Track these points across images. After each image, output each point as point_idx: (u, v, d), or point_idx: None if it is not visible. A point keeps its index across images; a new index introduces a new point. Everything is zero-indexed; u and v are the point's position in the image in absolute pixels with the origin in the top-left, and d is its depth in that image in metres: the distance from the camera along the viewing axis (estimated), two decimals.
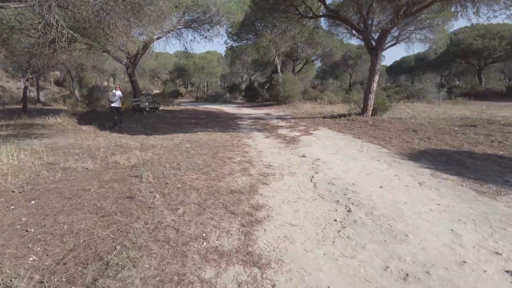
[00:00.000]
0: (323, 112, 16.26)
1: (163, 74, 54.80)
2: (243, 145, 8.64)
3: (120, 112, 14.23)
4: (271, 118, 15.10)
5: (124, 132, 11.89)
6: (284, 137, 9.66)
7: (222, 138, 9.88)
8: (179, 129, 12.48)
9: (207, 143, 9.08)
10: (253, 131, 11.26)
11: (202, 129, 12.24)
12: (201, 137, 10.27)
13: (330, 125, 11.70)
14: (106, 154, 8.05)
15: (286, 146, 8.38)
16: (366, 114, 12.75)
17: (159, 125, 13.72)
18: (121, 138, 10.85)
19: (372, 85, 12.50)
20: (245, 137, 9.89)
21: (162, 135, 11.30)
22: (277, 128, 11.75)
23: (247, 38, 25.23)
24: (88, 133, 11.92)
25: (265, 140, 9.40)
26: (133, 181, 5.51)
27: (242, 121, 14.38)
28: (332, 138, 9.32)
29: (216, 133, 10.91)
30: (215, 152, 7.75)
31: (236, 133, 10.85)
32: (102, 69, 32.34)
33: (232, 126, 12.91)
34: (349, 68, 42.68)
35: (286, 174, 5.70)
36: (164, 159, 7.13)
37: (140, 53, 17.24)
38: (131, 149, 8.59)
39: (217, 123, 13.92)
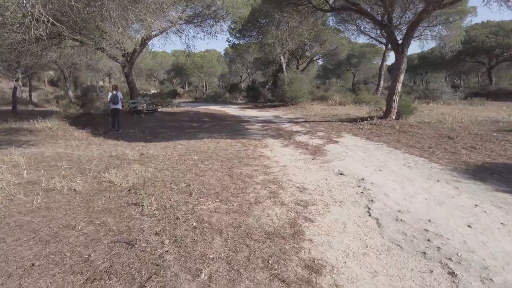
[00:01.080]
0: (337, 114, 15.00)
1: (160, 73, 53.38)
2: (260, 156, 7.34)
3: (121, 114, 12.99)
4: (282, 122, 13.81)
5: (121, 139, 10.59)
6: (305, 146, 8.37)
7: (233, 147, 8.59)
8: (181, 135, 11.18)
9: (217, 153, 7.78)
10: (266, 137, 9.97)
11: (207, 134, 10.94)
12: (208, 145, 8.97)
13: (353, 131, 10.43)
14: (99, 168, 6.77)
15: (312, 158, 7.08)
16: (389, 118, 11.50)
17: (159, 130, 12.41)
18: (117, 146, 9.56)
19: (397, 85, 11.23)
20: (259, 146, 8.60)
21: (163, 142, 10.01)
22: (293, 134, 10.46)
23: (250, 36, 23.93)
24: (80, 140, 10.61)
25: (284, 150, 8.10)
26: (132, 213, 4.21)
27: (250, 125, 13.08)
28: (364, 148, 8.03)
29: (224, 140, 9.61)
30: (230, 166, 6.45)
31: (248, 140, 9.56)
32: (97, 68, 30.88)
33: (241, 131, 11.61)
34: (352, 67, 41.46)
35: (331, 203, 4.40)
36: (169, 177, 5.83)
37: (138, 50, 15.89)
38: (128, 162, 7.29)
39: (223, 128, 12.63)
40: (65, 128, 13.04)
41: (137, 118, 15.11)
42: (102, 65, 29.21)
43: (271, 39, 19.51)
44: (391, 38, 11.33)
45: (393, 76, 11.48)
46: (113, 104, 13.04)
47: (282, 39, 19.32)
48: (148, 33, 13.10)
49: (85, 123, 14.26)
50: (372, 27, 24.50)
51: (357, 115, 13.98)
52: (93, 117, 15.82)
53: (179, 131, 12.09)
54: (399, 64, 11.08)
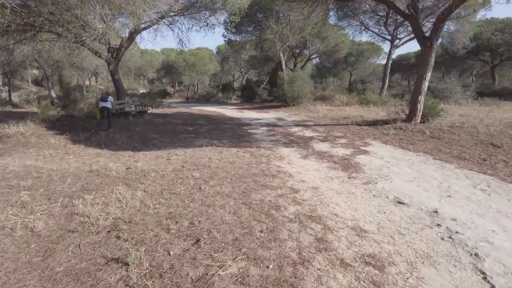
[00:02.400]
0: (348, 116, 13.55)
1: (149, 72, 51.41)
2: (279, 173, 5.81)
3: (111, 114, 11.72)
4: (289, 125, 12.29)
5: (104, 147, 8.96)
6: (330, 158, 6.86)
7: (241, 158, 7.04)
8: (176, 141, 9.59)
9: (223, 168, 6.23)
10: (278, 145, 8.44)
11: (206, 141, 9.37)
12: (209, 155, 7.41)
13: (379, 137, 8.97)
14: (72, 191, 5.24)
15: (348, 176, 5.55)
16: (414, 121, 10.07)
17: (149, 135, 10.79)
18: (99, 157, 7.96)
19: (423, 84, 9.80)
20: (273, 157, 7.06)
21: (154, 150, 8.42)
22: (308, 140, 8.96)
23: (246, 31, 22.36)
24: (56, 149, 8.96)
25: (306, 163, 6.57)
26: (110, 281, 2.68)
27: (253, 129, 11.54)
28: (406, 161, 6.51)
29: (228, 149, 8.05)
30: (244, 189, 4.91)
31: (257, 149, 8.01)
32: (82, 66, 28.91)
33: (245, 137, 10.06)
34: (349, 66, 40.18)
35: (416, 261, 2.89)
36: (164, 207, 4.29)
37: (125, 45, 14.22)
38: (111, 180, 5.74)
39: (223, 132, 11.06)
40: (40, 133, 11.32)
41: (124, 121, 13.44)
42: (88, 63, 27.27)
43: (271, 34, 17.97)
44: (417, 30, 9.88)
45: (419, 73, 10.03)
46: (102, 102, 11.62)
47: (283, 34, 17.81)
48: (136, 24, 11.45)
49: (65, 127, 12.57)
50: (376, 23, 23.20)
51: (372, 117, 12.58)
52: (75, 120, 14.09)
53: (173, 137, 10.50)
54: (427, 59, 9.64)
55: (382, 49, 38.07)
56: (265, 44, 18.69)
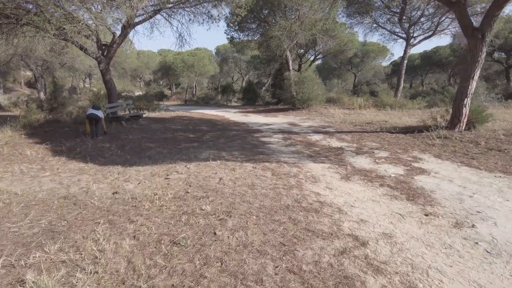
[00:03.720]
0: (372, 122, 12.00)
1: (146, 74, 49.70)
2: (322, 205, 4.20)
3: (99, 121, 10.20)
4: (306, 132, 10.71)
5: (89, 160, 7.34)
6: (380, 179, 5.27)
7: (261, 179, 5.43)
8: (175, 152, 7.97)
9: (241, 195, 4.64)
10: (303, 160, 6.83)
11: (212, 152, 7.77)
12: (220, 174, 5.82)
13: (426, 149, 7.38)
14: (31, 234, 3.70)
15: (424, 213, 3.89)
16: (459, 128, 8.52)
17: (144, 145, 9.16)
18: (81, 174, 6.37)
19: (471, 84, 8.24)
20: (303, 177, 5.45)
21: (150, 165, 6.82)
22: (339, 153, 7.36)
23: (249, 29, 20.78)
24: (31, 162, 7.38)
25: (352, 187, 4.96)
26: None
27: (266, 137, 9.94)
28: (487, 186, 4.82)
29: (242, 165, 6.45)
30: (282, 238, 3.30)
31: (278, 164, 6.41)
32: (73, 67, 27.18)
33: (258, 147, 8.45)
34: (354, 67, 38.72)
35: None
36: (161, 280, 2.68)
37: (117, 42, 12.58)
38: (89, 215, 4.20)
39: (231, 141, 9.46)
40: (17, 142, 9.70)
41: (116, 127, 11.81)
42: (79, 64, 25.54)
43: (278, 31, 16.39)
44: (465, 20, 8.29)
45: (465, 72, 8.45)
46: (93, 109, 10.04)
47: (292, 30, 16.24)
48: (129, 16, 9.82)
49: (47, 134, 10.96)
50: (387, 20, 21.70)
51: (400, 122, 11.04)
52: (61, 126, 12.45)
53: (172, 146, 8.87)
54: (476, 55, 8.07)
55: (388, 50, 36.73)
56: (271, 42, 17.11)
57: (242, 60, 38.66)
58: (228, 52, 39.73)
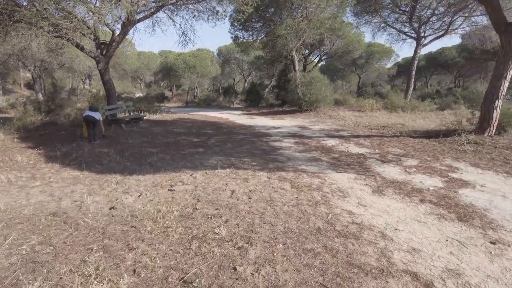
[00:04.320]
0: (388, 125, 11.31)
1: (146, 75, 49.05)
2: (360, 228, 3.50)
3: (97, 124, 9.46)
4: (319, 136, 10.01)
5: (85, 168, 6.66)
6: (418, 193, 4.57)
7: (280, 192, 4.74)
8: (179, 159, 7.29)
9: (259, 213, 3.95)
10: (323, 168, 6.14)
11: (220, 159, 7.09)
12: (231, 185, 5.13)
13: (459, 156, 6.67)
14: (7, 264, 2.97)
15: (489, 239, 3.21)
16: (488, 132, 7.83)
17: (145, 150, 8.47)
18: (75, 184, 5.69)
19: (503, 85, 7.54)
20: (329, 190, 4.76)
21: (151, 174, 6.14)
22: (362, 160, 6.66)
23: (253, 28, 20.10)
24: (20, 170, 6.71)
25: (388, 203, 4.26)
26: None
27: (276, 141, 9.25)
28: None
29: (255, 174, 5.76)
30: (323, 278, 2.61)
31: (296, 174, 5.72)
32: (72, 68, 26.51)
33: (269, 152, 7.75)
34: (358, 68, 38.05)
35: None
36: None
37: (116, 40, 11.91)
38: (81, 238, 3.53)
39: (239, 145, 8.77)
40: (8, 146, 9.04)
41: (115, 131, 11.12)
42: (78, 64, 24.87)
43: (286, 30, 15.69)
44: (497, 15, 7.51)
45: (496, 71, 7.74)
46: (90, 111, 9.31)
47: (300, 29, 15.55)
48: (129, 12, 9.14)
49: (42, 138, 10.32)
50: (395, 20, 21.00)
51: (417, 125, 10.34)
52: (58, 129, 11.79)
53: (175, 152, 8.18)
54: (510, 52, 7.34)
55: (393, 51, 36.12)
56: (278, 41, 16.41)
57: (244, 61, 38.00)
58: (230, 53, 39.12)
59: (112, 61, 35.33)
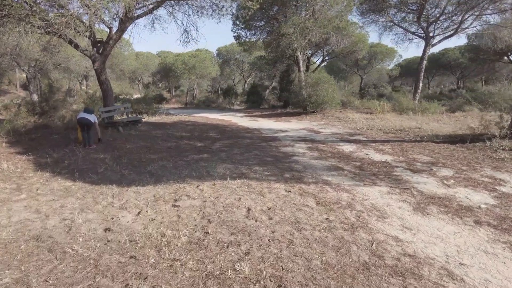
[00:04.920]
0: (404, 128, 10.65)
1: (145, 76, 48.27)
2: (415, 263, 2.79)
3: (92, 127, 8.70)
4: (332, 140, 9.32)
5: (78, 178, 5.95)
6: (469, 211, 3.86)
7: (305, 211, 4.03)
8: (183, 167, 6.57)
9: (286, 239, 3.24)
10: (345, 178, 5.44)
11: (229, 168, 6.38)
12: (245, 201, 4.43)
13: (498, 166, 5.97)
14: None
15: None
16: None
17: (144, 155, 7.76)
18: (65, 197, 4.99)
19: None
20: (362, 209, 4.05)
21: (152, 184, 5.44)
22: (388, 169, 5.96)
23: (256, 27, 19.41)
24: (5, 179, 6.03)
25: (435, 225, 3.55)
26: None
27: (287, 146, 8.54)
28: None
29: (270, 186, 5.06)
30: None
31: (317, 187, 5.01)
32: (68, 68, 25.71)
33: (282, 160, 7.04)
34: (360, 69, 37.44)
35: None
36: None
37: (114, 37, 11.20)
38: (69, 273, 2.76)
39: (247, 151, 8.06)
40: None
41: (112, 134, 10.40)
42: (75, 64, 24.09)
43: (291, 28, 15.00)
44: None
45: None
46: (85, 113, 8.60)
47: (306, 27, 14.87)
48: (127, 5, 8.42)
49: (34, 142, 9.61)
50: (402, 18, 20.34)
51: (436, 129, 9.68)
52: (51, 132, 11.05)
53: (177, 158, 7.47)
54: None
55: (396, 52, 35.57)
56: (282, 40, 15.70)
57: (245, 62, 37.32)
58: (230, 54, 38.44)
59: (110, 61, 34.59)
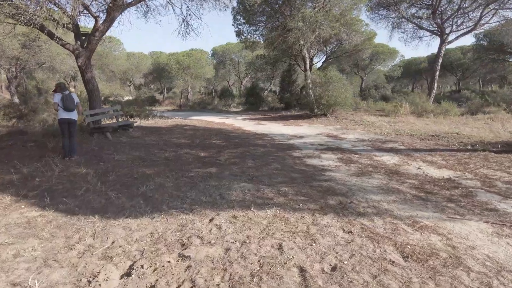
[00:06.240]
0: (437, 133, 9.25)
1: (136, 77, 46.41)
2: None
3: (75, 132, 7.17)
4: (363, 149, 7.84)
5: (49, 202, 4.39)
6: None
7: (389, 271, 2.55)
8: (187, 187, 5.01)
9: None
10: (418, 208, 3.97)
11: (246, 188, 4.87)
12: (289, 250, 2.91)
13: None
14: None
15: None
16: None
17: (137, 169, 6.20)
18: (25, 237, 3.37)
19: None
20: (473, 263, 2.59)
21: (147, 216, 3.90)
22: (461, 192, 4.50)
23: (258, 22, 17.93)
24: None
25: None
26: None
27: (312, 158, 7.03)
28: None
29: (317, 221, 3.57)
30: None
31: (383, 220, 3.54)
32: (54, 68, 23.87)
33: (314, 177, 5.54)
34: (361, 70, 36.19)
35: None
36: None
37: (100, 29, 9.60)
38: None
39: (263, 164, 6.54)
40: None
41: (98, 142, 8.81)
42: (60, 64, 22.28)
43: (300, 21, 13.51)
44: None
45: None
46: (66, 111, 6.84)
47: (317, 21, 13.40)
48: None
49: (3, 152, 7.97)
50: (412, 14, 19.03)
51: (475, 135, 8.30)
52: (27, 139, 9.39)
53: (179, 174, 5.91)
54: None
55: (398, 52, 34.43)
56: (289, 35, 14.20)
57: (241, 62, 35.85)
58: (226, 54, 36.94)
59: (100, 61, 32.77)
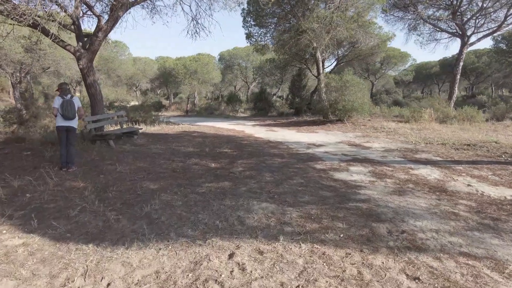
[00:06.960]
0: (471, 142, 8.42)
1: (143, 82, 46.04)
2: None
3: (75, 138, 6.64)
4: (393, 160, 7.00)
5: (37, 226, 3.62)
6: None
7: None
8: (198, 208, 4.22)
9: None
10: (492, 242, 3.15)
11: (269, 209, 4.08)
12: None
13: None
14: None
15: None
16: None
17: (140, 184, 5.42)
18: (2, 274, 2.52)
19: None
20: None
21: (152, 247, 3.07)
22: None
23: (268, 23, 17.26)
24: None
25: None
26: None
27: (340, 171, 6.18)
28: None
29: (371, 264, 2.76)
30: None
31: (456, 263, 2.74)
32: (59, 72, 23.41)
33: (348, 197, 4.73)
34: (371, 74, 35.34)
35: None
36: None
37: (103, 29, 8.95)
38: None
39: (283, 177, 5.75)
40: None
41: (99, 151, 8.08)
42: (65, 68, 21.77)
43: (314, 22, 12.76)
44: None
45: None
46: (64, 120, 6.18)
47: (333, 21, 12.66)
48: None
49: None
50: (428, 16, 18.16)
51: None
52: (24, 147, 8.72)
53: (188, 189, 5.13)
54: None
55: (410, 56, 33.56)
56: (303, 37, 13.46)
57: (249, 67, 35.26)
58: (233, 59, 36.37)
59: (105, 66, 32.32)
